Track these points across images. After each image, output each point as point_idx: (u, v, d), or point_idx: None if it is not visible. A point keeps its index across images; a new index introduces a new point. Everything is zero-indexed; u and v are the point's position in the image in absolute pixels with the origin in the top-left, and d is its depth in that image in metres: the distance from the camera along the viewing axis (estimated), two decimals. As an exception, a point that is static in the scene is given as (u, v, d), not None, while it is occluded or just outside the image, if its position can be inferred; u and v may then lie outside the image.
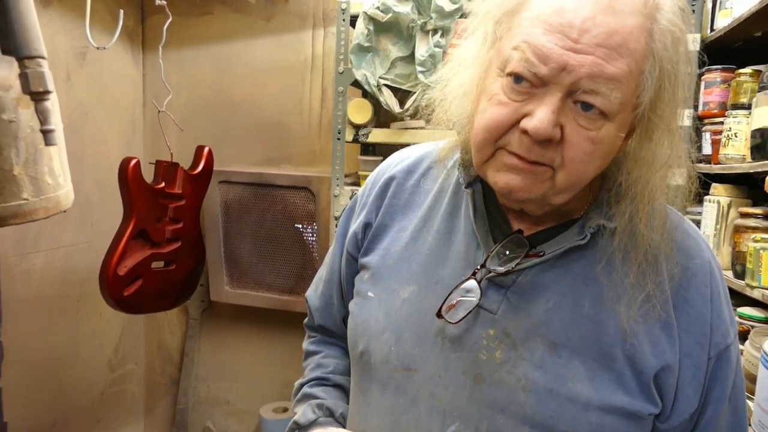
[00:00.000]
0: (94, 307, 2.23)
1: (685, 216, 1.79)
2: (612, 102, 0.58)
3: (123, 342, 2.48)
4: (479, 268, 0.69)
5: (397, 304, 0.74)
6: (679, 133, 0.65)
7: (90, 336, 2.29)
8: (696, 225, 1.57)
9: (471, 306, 0.68)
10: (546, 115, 0.58)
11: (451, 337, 0.69)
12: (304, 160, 2.38)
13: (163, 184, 1.90)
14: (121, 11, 1.66)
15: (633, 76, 0.59)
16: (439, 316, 0.69)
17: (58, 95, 1.04)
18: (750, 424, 1.11)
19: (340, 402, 0.86)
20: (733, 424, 0.71)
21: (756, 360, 1.14)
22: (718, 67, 1.58)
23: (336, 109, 1.88)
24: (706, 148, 1.61)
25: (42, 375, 2.07)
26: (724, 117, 1.49)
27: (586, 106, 0.59)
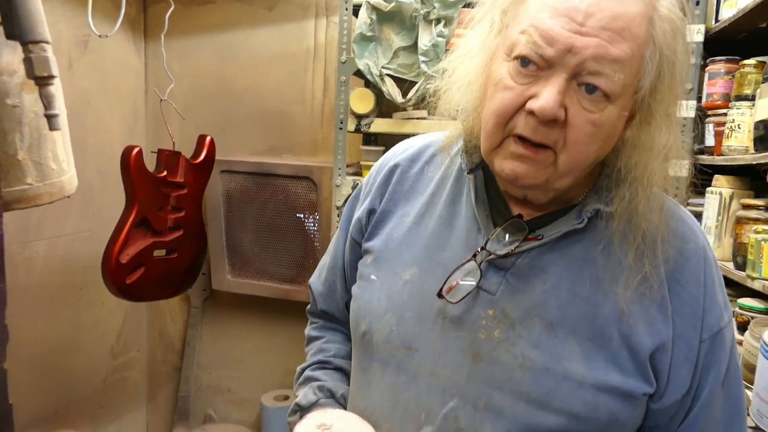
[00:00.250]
0: (97, 295, 2.24)
1: (687, 207, 1.79)
2: (615, 83, 0.61)
3: (125, 330, 2.49)
4: (480, 250, 0.71)
5: (398, 286, 0.76)
6: (678, 120, 0.68)
7: (92, 324, 2.30)
8: (698, 216, 1.58)
9: (471, 287, 0.70)
10: (552, 95, 0.60)
11: (451, 317, 0.71)
12: (306, 150, 2.37)
13: (165, 173, 1.90)
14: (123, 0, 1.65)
15: (635, 60, 0.61)
16: (440, 296, 0.71)
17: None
18: (749, 414, 1.12)
19: (342, 384, 0.88)
20: (727, 410, 0.72)
21: (756, 350, 1.14)
22: (722, 58, 1.58)
23: (338, 99, 1.87)
24: (709, 140, 1.60)
25: (44, 362, 2.08)
26: (728, 108, 1.48)
27: (590, 88, 0.61)
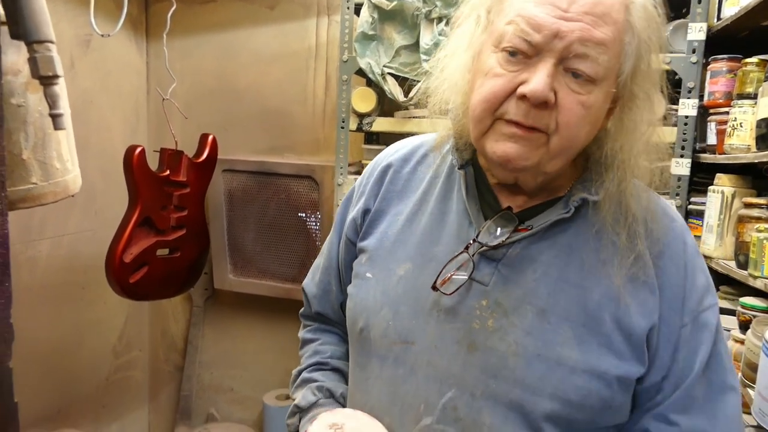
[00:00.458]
0: (99, 295, 2.25)
1: (689, 206, 1.78)
2: (600, 65, 0.64)
3: (127, 329, 2.50)
4: (471, 242, 0.73)
5: (393, 282, 0.77)
6: (659, 104, 0.71)
7: (95, 323, 2.30)
8: (700, 215, 1.58)
9: (464, 279, 0.72)
10: (542, 78, 0.63)
11: (446, 309, 0.73)
12: (307, 149, 2.38)
13: (167, 172, 1.91)
14: (126, -2, 1.65)
15: (616, 43, 0.65)
16: (435, 289, 0.73)
17: (62, 82, 1.04)
18: (750, 412, 1.12)
19: (340, 384, 0.89)
20: (708, 397, 0.71)
21: (757, 349, 1.15)
22: (725, 56, 1.58)
23: (340, 98, 1.88)
24: (711, 138, 1.60)
25: (47, 361, 2.08)
26: (730, 107, 1.48)
27: (577, 74, 0.64)
